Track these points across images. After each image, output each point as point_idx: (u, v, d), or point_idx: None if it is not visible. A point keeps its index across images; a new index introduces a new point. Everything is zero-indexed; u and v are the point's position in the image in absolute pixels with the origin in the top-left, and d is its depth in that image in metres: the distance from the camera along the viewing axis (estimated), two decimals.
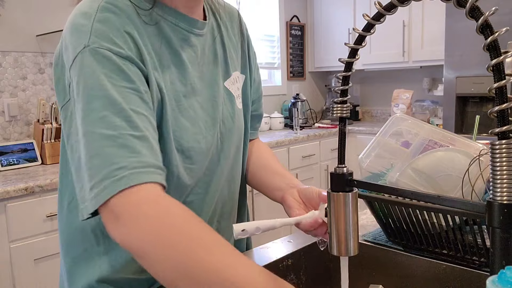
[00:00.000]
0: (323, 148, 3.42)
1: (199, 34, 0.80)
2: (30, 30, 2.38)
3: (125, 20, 0.68)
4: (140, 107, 0.64)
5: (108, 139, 0.60)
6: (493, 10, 0.44)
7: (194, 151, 0.76)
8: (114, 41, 0.65)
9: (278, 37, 3.94)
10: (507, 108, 0.43)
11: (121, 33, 0.66)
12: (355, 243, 0.63)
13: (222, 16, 0.90)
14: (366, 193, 0.89)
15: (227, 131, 0.84)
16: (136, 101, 0.64)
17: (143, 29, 0.70)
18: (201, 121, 0.78)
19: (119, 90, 0.63)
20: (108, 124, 0.61)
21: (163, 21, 0.74)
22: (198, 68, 0.79)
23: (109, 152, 0.60)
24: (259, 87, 1.01)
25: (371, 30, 0.55)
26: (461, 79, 2.75)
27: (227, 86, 0.86)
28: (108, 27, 0.65)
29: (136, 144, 0.61)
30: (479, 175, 0.78)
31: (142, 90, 0.66)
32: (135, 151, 0.60)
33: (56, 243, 1.90)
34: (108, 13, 0.67)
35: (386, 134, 0.94)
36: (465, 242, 0.82)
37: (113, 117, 0.61)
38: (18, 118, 2.36)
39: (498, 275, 0.41)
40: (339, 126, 0.62)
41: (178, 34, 0.76)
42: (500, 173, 0.44)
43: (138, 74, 0.66)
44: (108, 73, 0.63)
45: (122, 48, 0.65)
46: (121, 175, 0.58)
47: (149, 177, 0.60)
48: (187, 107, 0.76)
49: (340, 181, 0.62)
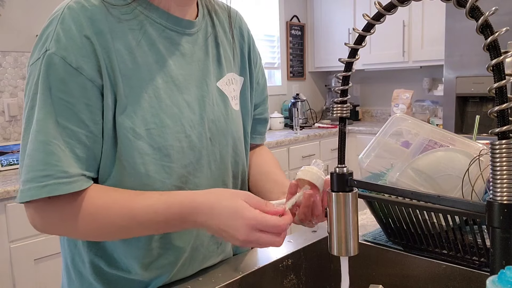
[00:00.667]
0: (323, 148, 3.42)
1: (185, 33, 0.79)
2: (30, 30, 2.38)
3: (87, 23, 0.68)
4: (69, 121, 0.68)
5: (40, 143, 0.66)
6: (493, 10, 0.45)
7: (173, 149, 0.75)
8: (70, 49, 0.67)
9: (278, 37, 3.94)
10: (507, 108, 0.43)
11: (80, 38, 0.67)
12: (355, 243, 0.63)
13: (220, 16, 0.89)
14: (366, 193, 0.89)
15: (218, 132, 0.83)
16: (68, 114, 0.68)
17: (112, 30, 0.70)
18: (185, 119, 0.77)
19: (57, 101, 0.67)
20: (41, 129, 0.67)
21: (143, 17, 0.74)
22: (185, 66, 0.79)
23: (38, 157, 0.66)
24: (264, 91, 1.00)
25: (371, 30, 0.55)
26: (461, 79, 2.75)
27: (219, 86, 0.85)
28: (67, 32, 0.67)
29: (61, 153, 0.67)
30: (479, 175, 0.78)
31: (79, 103, 0.68)
32: (60, 160, 0.66)
33: (56, 243, 1.90)
34: (71, 14, 0.68)
35: (386, 134, 0.94)
36: (465, 242, 0.82)
37: (46, 124, 0.67)
38: (18, 118, 2.36)
39: (498, 275, 0.41)
40: (339, 126, 0.62)
41: (159, 31, 0.76)
42: (500, 173, 0.44)
43: (83, 86, 0.68)
44: (53, 82, 0.67)
45: (75, 57, 0.67)
46: (45, 182, 0.66)
47: (71, 187, 0.67)
48: (170, 104, 0.75)
49: (340, 181, 0.62)
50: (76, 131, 0.68)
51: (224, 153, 0.85)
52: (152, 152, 0.73)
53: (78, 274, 0.81)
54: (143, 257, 0.76)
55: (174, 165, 0.76)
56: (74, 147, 0.68)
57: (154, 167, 0.73)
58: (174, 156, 0.75)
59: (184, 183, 0.78)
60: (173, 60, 0.77)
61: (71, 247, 0.81)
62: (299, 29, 4.09)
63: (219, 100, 0.84)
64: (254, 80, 0.95)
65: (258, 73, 0.97)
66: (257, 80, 0.97)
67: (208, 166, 0.82)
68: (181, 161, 0.76)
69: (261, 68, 1.00)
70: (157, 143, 0.73)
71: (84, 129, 0.69)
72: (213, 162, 0.83)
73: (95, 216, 0.69)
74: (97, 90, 0.69)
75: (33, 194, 0.66)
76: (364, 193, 0.89)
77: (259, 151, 1.02)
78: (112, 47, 0.69)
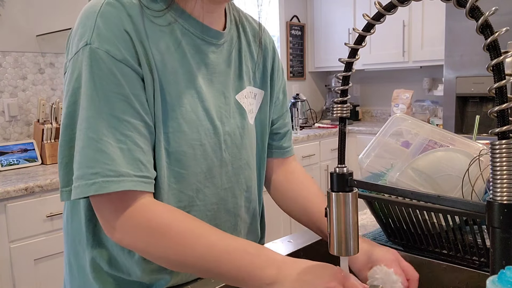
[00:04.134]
0: (323, 148, 3.42)
1: (212, 43, 0.79)
2: (30, 30, 2.38)
3: (126, 19, 0.68)
4: (125, 113, 0.67)
5: (89, 140, 0.65)
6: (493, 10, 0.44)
7: (186, 156, 0.75)
8: (113, 42, 0.67)
9: (278, 37, 3.94)
10: (507, 108, 0.43)
11: (120, 32, 0.67)
12: (355, 243, 0.63)
13: (246, 27, 0.89)
14: (366, 193, 0.89)
15: (233, 144, 0.83)
16: (121, 107, 0.67)
17: (147, 29, 0.70)
18: (201, 127, 0.77)
19: (107, 95, 0.66)
20: (90, 125, 0.66)
21: (176, 24, 0.74)
22: (208, 76, 0.79)
23: (87, 154, 0.65)
24: (283, 106, 0.99)
25: (371, 30, 0.55)
26: (461, 79, 2.75)
27: (238, 99, 0.85)
28: (108, 26, 0.67)
29: (111, 151, 0.65)
30: (479, 175, 0.78)
31: (131, 94, 0.68)
32: (110, 158, 0.65)
33: (56, 243, 1.90)
34: (111, 9, 0.68)
35: (386, 134, 0.94)
36: (465, 242, 0.82)
37: (95, 120, 0.66)
38: (18, 118, 2.36)
39: (498, 275, 0.41)
40: (339, 126, 0.62)
41: (188, 39, 0.76)
42: (500, 173, 0.44)
43: (131, 78, 0.68)
44: (101, 75, 0.66)
45: (119, 50, 0.67)
46: (93, 180, 0.64)
47: (119, 186, 0.65)
48: (189, 110, 0.75)
49: (340, 181, 0.62)
50: (134, 122, 0.68)
51: (236, 166, 0.85)
52: (166, 156, 0.73)
53: (81, 271, 0.81)
54: (144, 262, 0.76)
55: (184, 172, 0.76)
56: (135, 139, 0.67)
57: (166, 172, 0.74)
58: (185, 163, 0.75)
59: (195, 192, 0.78)
60: (198, 69, 0.77)
61: (75, 244, 0.81)
62: (299, 29, 4.09)
63: (236, 113, 0.84)
64: (274, 95, 0.95)
65: (279, 89, 0.97)
66: (277, 95, 0.96)
67: (219, 177, 0.82)
68: (192, 169, 0.77)
69: (283, 84, 0.99)
70: (171, 147, 0.73)
71: (140, 120, 0.69)
72: (225, 174, 0.83)
73: (178, 238, 0.67)
74: (142, 82, 0.70)
75: (82, 192, 0.65)
76: (364, 193, 0.89)
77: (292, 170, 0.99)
78: (147, 45, 0.70)
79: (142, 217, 0.67)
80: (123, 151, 0.66)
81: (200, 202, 0.79)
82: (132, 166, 0.67)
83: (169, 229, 0.67)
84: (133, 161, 0.67)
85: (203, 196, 0.79)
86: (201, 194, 0.79)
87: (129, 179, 0.66)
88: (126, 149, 0.66)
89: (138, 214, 0.67)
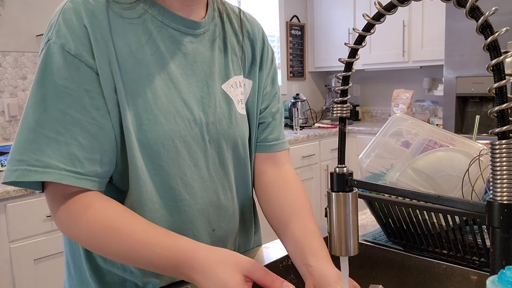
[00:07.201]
0: (323, 148, 3.42)
1: (188, 33, 0.79)
2: (30, 30, 2.38)
3: (87, 14, 0.69)
4: (70, 107, 0.68)
5: (25, 128, 0.67)
6: (493, 10, 0.44)
7: (164, 148, 0.74)
8: (68, 37, 0.68)
9: (278, 37, 3.94)
10: (507, 108, 0.43)
11: (78, 27, 0.68)
12: (355, 243, 0.62)
13: (232, 19, 0.89)
14: (366, 193, 0.89)
15: (218, 135, 0.82)
16: (68, 101, 0.67)
17: (112, 23, 0.71)
18: (180, 118, 0.76)
19: (55, 88, 0.67)
20: (30, 114, 0.67)
21: (146, 14, 0.75)
22: (186, 66, 0.78)
23: (19, 141, 0.67)
24: (272, 95, 0.94)
25: (371, 30, 0.55)
26: (461, 79, 2.75)
27: (224, 89, 0.84)
28: (67, 22, 0.69)
29: (44, 142, 0.66)
30: (479, 175, 0.78)
31: (81, 89, 0.68)
32: (39, 149, 0.66)
33: (56, 243, 1.90)
34: (72, 5, 0.69)
35: (386, 134, 0.94)
36: (465, 242, 0.82)
37: (37, 110, 0.67)
38: (18, 118, 2.36)
39: (498, 275, 0.41)
40: (339, 126, 0.62)
41: (160, 29, 0.76)
42: (500, 173, 0.44)
43: (83, 72, 0.69)
44: (52, 68, 0.68)
45: (74, 44, 0.68)
46: (17, 167, 0.66)
47: (42, 177, 0.66)
48: (165, 101, 0.74)
49: (340, 181, 0.62)
50: (78, 117, 0.68)
51: (223, 157, 0.83)
52: (142, 148, 0.73)
53: (78, 271, 0.81)
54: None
55: (165, 163, 0.75)
56: (76, 134, 0.68)
57: (143, 163, 0.74)
58: (165, 154, 0.75)
59: (182, 186, 0.77)
60: (174, 59, 0.77)
61: (71, 243, 0.81)
62: (299, 29, 4.09)
63: (222, 102, 0.83)
64: (262, 85, 0.92)
65: (268, 77, 0.94)
66: (265, 85, 0.93)
67: (206, 169, 0.81)
68: (172, 161, 0.76)
69: (272, 73, 0.95)
70: (148, 139, 0.73)
71: (87, 116, 0.69)
72: (212, 166, 0.82)
73: (96, 234, 0.69)
74: (97, 77, 0.70)
75: (5, 176, 0.67)
76: (364, 193, 0.89)
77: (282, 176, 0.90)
78: (110, 40, 0.70)
79: (76, 211, 0.69)
80: (59, 144, 0.67)
81: (189, 196, 0.78)
82: (65, 160, 0.67)
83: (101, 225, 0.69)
84: (67, 155, 0.67)
85: (191, 190, 0.78)
86: (189, 188, 0.78)
87: (57, 172, 0.66)
88: (63, 142, 0.67)
89: (72, 207, 0.69)
